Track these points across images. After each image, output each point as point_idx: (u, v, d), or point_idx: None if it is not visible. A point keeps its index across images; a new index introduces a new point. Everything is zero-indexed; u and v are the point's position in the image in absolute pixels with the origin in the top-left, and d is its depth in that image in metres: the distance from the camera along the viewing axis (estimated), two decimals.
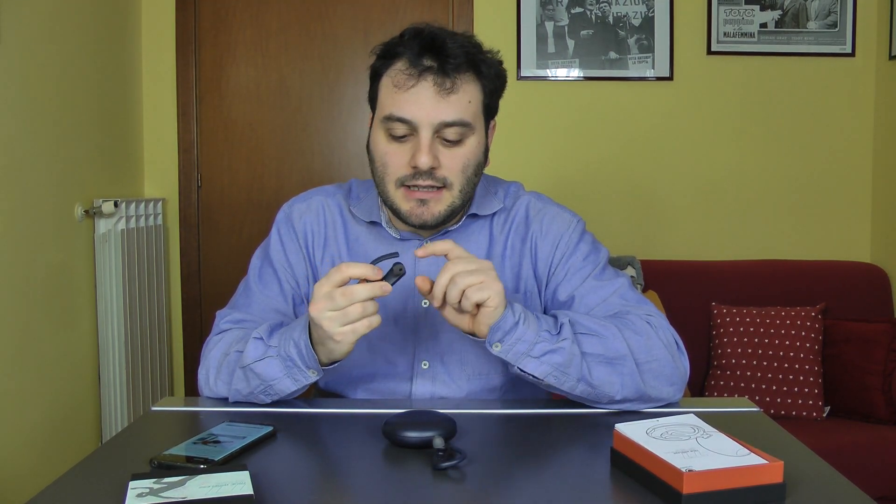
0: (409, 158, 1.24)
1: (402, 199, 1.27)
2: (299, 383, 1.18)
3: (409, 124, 1.24)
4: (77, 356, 2.63)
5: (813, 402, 2.72)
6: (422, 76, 1.23)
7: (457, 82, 1.23)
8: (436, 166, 1.24)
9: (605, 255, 1.38)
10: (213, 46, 3.28)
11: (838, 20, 3.24)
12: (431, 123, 1.23)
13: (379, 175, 1.29)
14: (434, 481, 0.95)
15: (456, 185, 1.27)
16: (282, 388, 1.19)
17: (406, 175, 1.25)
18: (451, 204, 1.28)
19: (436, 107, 1.23)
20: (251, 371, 1.18)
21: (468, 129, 1.26)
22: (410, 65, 1.24)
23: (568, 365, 1.13)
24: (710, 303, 2.98)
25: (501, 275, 1.37)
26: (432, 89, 1.23)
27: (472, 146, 1.27)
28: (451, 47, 1.23)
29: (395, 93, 1.24)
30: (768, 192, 3.31)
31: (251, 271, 1.40)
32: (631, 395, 1.18)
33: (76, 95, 2.65)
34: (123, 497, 0.85)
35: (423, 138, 1.23)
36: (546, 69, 3.23)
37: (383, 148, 1.27)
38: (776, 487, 0.87)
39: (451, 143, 1.25)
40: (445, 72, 1.23)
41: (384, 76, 1.28)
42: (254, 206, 3.32)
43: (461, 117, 1.24)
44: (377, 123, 1.29)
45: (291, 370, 1.16)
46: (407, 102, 1.23)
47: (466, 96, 1.25)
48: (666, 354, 1.22)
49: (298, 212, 1.40)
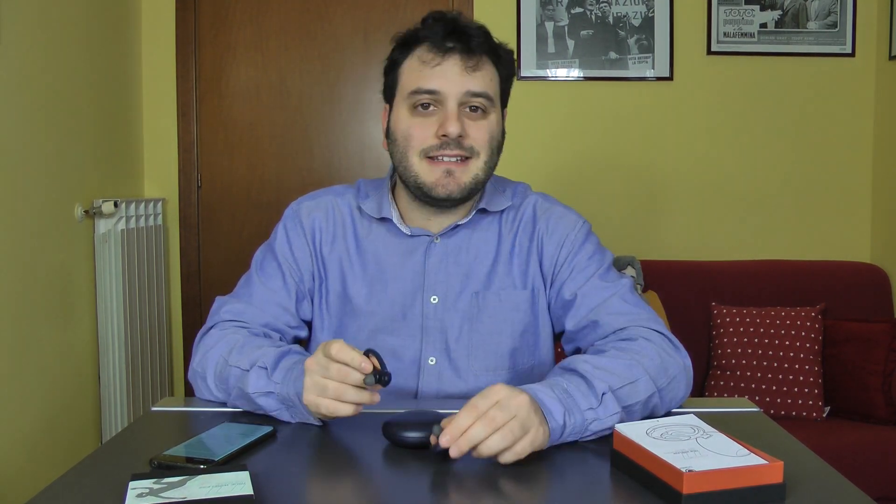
0: (436, 129, 1.28)
1: (426, 171, 1.29)
2: (297, 418, 1.15)
3: (437, 95, 1.28)
4: (77, 356, 2.63)
5: (813, 402, 2.72)
6: (447, 54, 1.28)
7: (479, 61, 1.29)
8: (463, 135, 1.27)
9: (609, 258, 1.38)
10: (213, 46, 3.28)
11: (838, 20, 3.24)
12: (459, 93, 1.27)
13: (401, 150, 1.31)
14: (434, 481, 0.95)
15: (483, 155, 1.30)
16: (284, 418, 1.16)
17: (432, 145, 1.28)
18: (475, 176, 1.30)
19: (461, 79, 1.28)
20: (253, 402, 1.17)
21: (491, 102, 1.31)
22: (434, 46, 1.28)
23: (614, 426, 1.08)
24: (710, 303, 2.98)
25: (509, 273, 1.37)
26: (459, 65, 1.28)
27: (494, 121, 1.32)
28: (472, 30, 1.29)
29: (420, 69, 1.29)
30: (768, 192, 3.31)
31: (253, 265, 1.40)
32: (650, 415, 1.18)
33: (76, 95, 2.65)
34: (123, 497, 0.85)
35: (451, 108, 1.27)
36: (546, 69, 3.23)
37: (407, 122, 1.30)
38: (776, 487, 0.87)
39: (476, 114, 1.29)
40: (470, 49, 1.28)
41: (406, 61, 1.32)
42: (254, 206, 3.32)
43: (485, 89, 1.29)
44: (399, 102, 1.32)
45: (292, 410, 1.14)
46: (433, 75, 1.28)
47: (488, 74, 1.31)
48: (678, 367, 1.21)
49: (307, 209, 1.41)
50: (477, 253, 1.37)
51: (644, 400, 1.13)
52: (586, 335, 1.31)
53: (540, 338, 1.39)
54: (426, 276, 1.35)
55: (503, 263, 1.38)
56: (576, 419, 1.04)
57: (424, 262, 1.35)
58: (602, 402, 1.07)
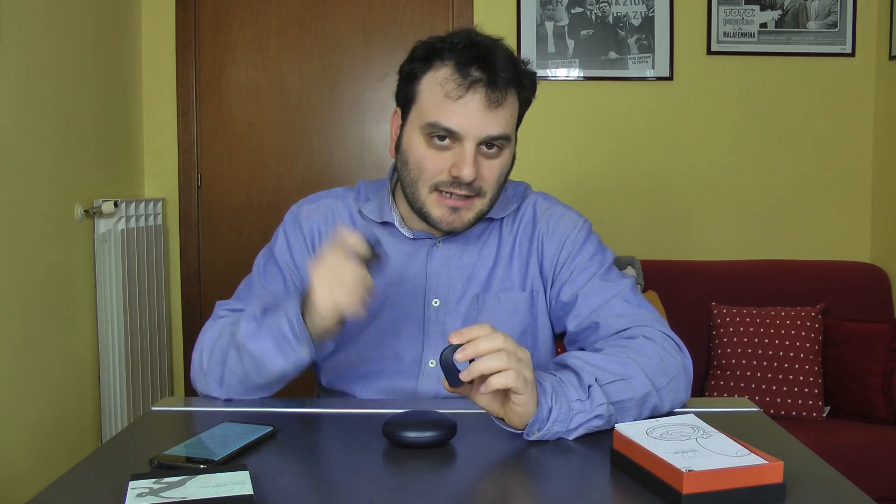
0: (450, 166, 1.25)
1: (434, 204, 1.28)
2: (290, 360, 1.16)
3: (455, 135, 1.24)
4: (77, 356, 2.63)
5: (813, 402, 2.72)
6: (472, 87, 1.23)
7: (503, 96, 1.25)
8: (476, 177, 1.25)
9: (610, 257, 1.38)
10: (213, 46, 3.28)
11: (838, 20, 3.24)
12: (478, 137, 1.24)
13: (412, 177, 1.29)
14: (434, 481, 0.95)
15: (489, 194, 1.29)
16: (273, 367, 1.17)
17: (443, 181, 1.26)
18: (480, 211, 1.30)
19: (482, 120, 1.23)
20: (244, 349, 1.18)
21: (507, 141, 1.28)
22: (459, 74, 1.23)
23: (605, 424, 1.09)
24: (710, 303, 2.98)
25: (509, 275, 1.37)
26: (483, 102, 1.23)
27: (507, 157, 1.30)
28: (501, 59, 1.24)
29: (443, 101, 1.24)
30: (768, 191, 3.31)
31: (255, 268, 1.40)
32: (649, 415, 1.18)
33: (76, 95, 2.65)
34: (123, 497, 0.85)
35: (468, 150, 1.24)
36: (546, 69, 3.23)
37: (421, 152, 1.27)
38: (776, 487, 0.87)
39: (492, 152, 1.26)
40: (496, 85, 1.23)
41: (426, 78, 1.27)
42: (254, 206, 3.32)
43: (505, 131, 1.26)
44: (416, 127, 1.28)
45: (282, 345, 1.15)
46: (455, 113, 1.23)
47: (510, 110, 1.27)
48: (678, 367, 1.21)
49: (307, 213, 1.40)
50: (478, 255, 1.37)
51: (639, 398, 1.13)
52: (587, 336, 1.31)
53: (539, 339, 1.39)
54: (428, 279, 1.35)
55: (503, 265, 1.38)
56: (562, 406, 1.05)
57: (426, 265, 1.35)
58: (589, 394, 1.08)
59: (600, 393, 1.09)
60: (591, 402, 1.08)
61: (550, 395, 1.05)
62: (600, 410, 1.08)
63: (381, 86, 3.29)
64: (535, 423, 1.04)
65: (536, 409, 1.03)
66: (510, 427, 1.07)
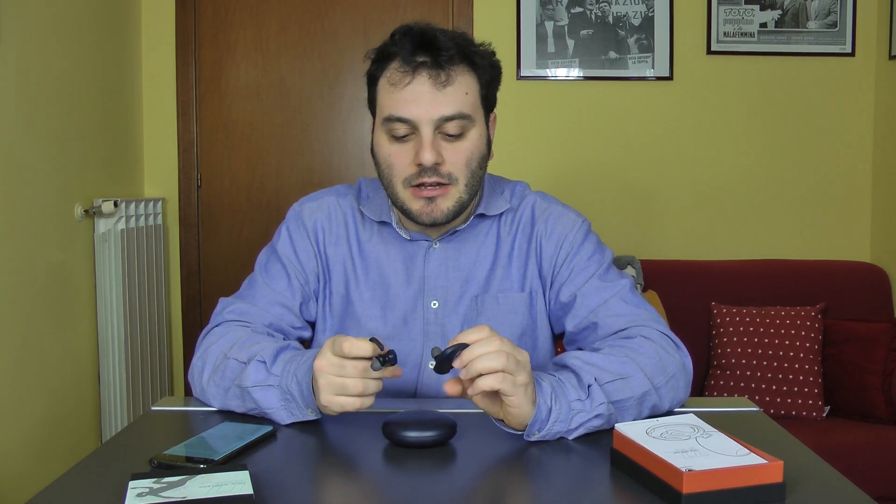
0: (413, 157, 1.25)
1: (411, 200, 1.27)
2: (296, 418, 1.14)
3: (410, 123, 1.24)
4: (77, 356, 2.63)
5: (813, 402, 2.72)
6: (416, 72, 1.23)
7: (451, 74, 1.24)
8: (439, 162, 1.24)
9: (609, 256, 1.38)
10: (213, 46, 3.28)
11: (838, 20, 3.24)
12: (431, 119, 1.23)
13: (386, 178, 1.29)
14: (434, 481, 0.95)
15: (461, 180, 1.27)
16: (278, 418, 1.15)
17: (412, 174, 1.25)
18: (458, 199, 1.28)
19: (433, 101, 1.23)
20: (248, 394, 1.16)
21: (468, 121, 1.26)
22: (404, 62, 1.24)
23: (605, 424, 1.09)
24: (710, 303, 2.98)
25: (507, 276, 1.37)
26: (428, 83, 1.23)
27: (474, 139, 1.27)
28: (443, 40, 1.24)
29: (391, 92, 1.25)
30: (768, 191, 3.31)
31: (257, 266, 1.40)
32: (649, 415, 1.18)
33: (76, 95, 2.65)
34: (123, 497, 0.85)
35: (425, 135, 1.23)
36: (546, 69, 3.23)
37: (387, 150, 1.27)
38: (776, 487, 0.87)
39: (453, 137, 1.25)
40: (439, 64, 1.23)
41: (381, 78, 1.29)
42: (254, 206, 3.32)
43: (460, 110, 1.24)
44: (378, 127, 1.29)
45: (289, 405, 1.13)
46: (405, 101, 1.23)
47: (462, 88, 1.25)
48: (676, 365, 1.21)
49: (309, 210, 1.40)
50: (476, 256, 1.37)
51: (638, 396, 1.13)
52: (586, 336, 1.31)
53: (538, 340, 1.38)
54: (426, 281, 1.35)
55: (502, 266, 1.37)
56: (561, 406, 1.05)
57: (424, 266, 1.35)
58: (589, 394, 1.08)
59: (600, 392, 1.09)
60: (591, 402, 1.08)
61: (550, 395, 1.05)
62: (600, 410, 1.08)
63: None
64: (534, 424, 1.04)
65: (535, 411, 1.03)
66: (510, 428, 1.07)
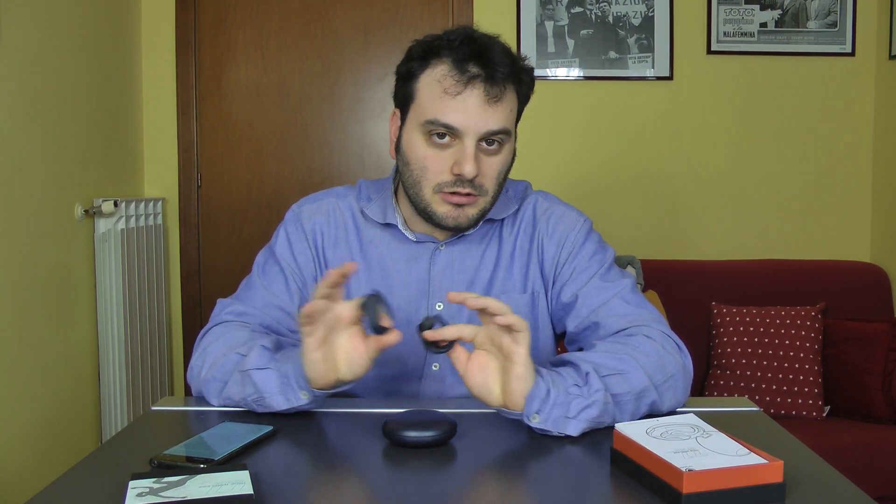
0: (451, 165, 1.24)
1: (438, 203, 1.27)
2: (290, 403, 1.13)
3: (454, 131, 1.23)
4: (77, 356, 2.63)
5: (813, 402, 2.72)
6: (470, 83, 1.23)
7: (503, 91, 1.24)
8: (477, 173, 1.25)
9: (611, 255, 1.38)
10: (213, 46, 3.28)
11: (838, 20, 3.24)
12: (478, 133, 1.23)
13: (415, 178, 1.28)
14: (434, 481, 0.95)
15: (490, 192, 1.28)
16: (273, 404, 1.14)
17: (447, 181, 1.25)
18: (483, 209, 1.29)
19: (483, 115, 1.23)
20: (248, 378, 1.16)
21: (507, 136, 1.27)
22: (457, 70, 1.23)
23: (603, 414, 1.09)
24: (710, 303, 2.98)
25: (510, 277, 1.37)
26: (481, 98, 1.23)
27: (507, 152, 1.29)
28: (497, 55, 1.24)
29: (441, 97, 1.23)
30: (768, 191, 3.31)
31: (255, 267, 1.39)
32: (648, 414, 1.18)
33: (76, 95, 2.65)
34: (123, 497, 0.85)
35: (468, 147, 1.23)
36: (546, 69, 3.23)
37: (422, 152, 1.26)
38: (776, 487, 0.87)
39: (491, 150, 1.26)
40: (494, 80, 1.23)
41: (423, 76, 1.26)
42: (254, 206, 3.32)
43: (504, 126, 1.25)
44: (415, 126, 1.27)
45: (285, 388, 1.13)
46: (454, 109, 1.23)
47: (509, 105, 1.26)
48: (676, 365, 1.21)
49: (308, 212, 1.39)
50: (481, 258, 1.37)
51: (637, 392, 1.14)
52: (587, 336, 1.31)
53: (540, 340, 1.38)
54: (431, 283, 1.35)
55: (504, 268, 1.37)
56: (559, 390, 1.06)
57: (429, 268, 1.35)
58: (587, 381, 1.09)
59: (598, 379, 1.09)
60: (588, 388, 1.08)
61: (548, 378, 1.07)
62: (597, 396, 1.08)
63: (380, 85, 3.29)
64: (533, 401, 1.05)
65: (535, 382, 1.05)
66: (511, 413, 1.07)
